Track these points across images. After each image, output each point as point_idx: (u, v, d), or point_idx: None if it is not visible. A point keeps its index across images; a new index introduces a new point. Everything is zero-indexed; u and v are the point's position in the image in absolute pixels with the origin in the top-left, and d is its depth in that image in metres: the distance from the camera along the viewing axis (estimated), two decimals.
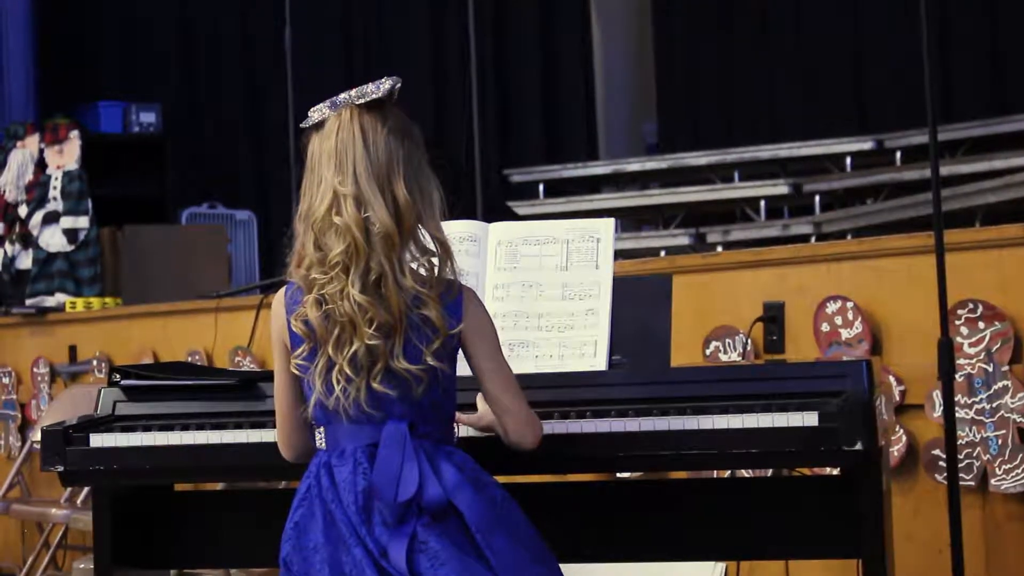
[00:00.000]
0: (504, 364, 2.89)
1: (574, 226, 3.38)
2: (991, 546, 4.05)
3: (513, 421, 2.89)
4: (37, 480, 6.64)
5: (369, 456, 2.77)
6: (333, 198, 2.79)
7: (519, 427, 2.89)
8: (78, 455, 3.22)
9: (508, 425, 2.89)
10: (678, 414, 3.00)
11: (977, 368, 4.03)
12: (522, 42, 11.35)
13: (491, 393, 2.88)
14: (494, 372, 2.87)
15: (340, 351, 2.76)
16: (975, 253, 4.09)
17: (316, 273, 2.79)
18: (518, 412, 2.89)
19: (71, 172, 7.49)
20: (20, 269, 7.60)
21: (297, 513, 2.81)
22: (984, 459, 4.03)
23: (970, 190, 8.14)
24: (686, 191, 9.23)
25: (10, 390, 7.17)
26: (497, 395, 2.88)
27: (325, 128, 2.85)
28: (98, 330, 6.93)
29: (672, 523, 3.45)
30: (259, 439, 3.14)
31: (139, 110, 9.56)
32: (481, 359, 2.86)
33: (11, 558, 6.93)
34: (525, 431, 2.90)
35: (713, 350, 4.51)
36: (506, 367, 2.89)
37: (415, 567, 2.69)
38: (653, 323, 3.34)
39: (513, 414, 2.89)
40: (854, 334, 4.24)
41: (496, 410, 2.90)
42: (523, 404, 2.90)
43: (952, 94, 9.70)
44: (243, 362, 5.99)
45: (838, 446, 2.88)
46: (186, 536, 3.66)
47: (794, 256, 4.51)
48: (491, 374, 2.87)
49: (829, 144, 9.27)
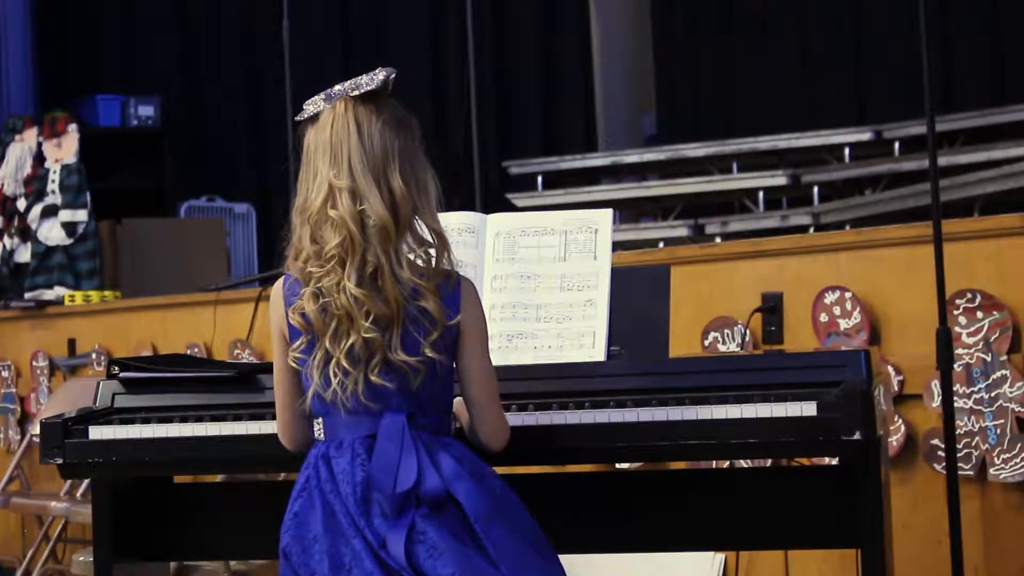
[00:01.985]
0: (491, 366, 2.89)
1: (572, 217, 3.38)
2: (990, 536, 4.05)
3: (489, 424, 2.89)
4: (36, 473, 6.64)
5: (367, 447, 2.77)
6: (328, 191, 2.78)
7: (493, 431, 2.89)
8: (77, 448, 3.23)
9: (483, 426, 2.89)
10: (677, 404, 3.00)
11: (976, 358, 4.03)
12: (521, 33, 11.34)
13: (473, 393, 2.87)
14: (481, 373, 2.87)
15: (337, 344, 2.76)
16: (973, 243, 4.09)
17: (312, 266, 2.79)
18: (496, 416, 2.90)
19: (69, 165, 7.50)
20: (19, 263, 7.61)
21: (296, 504, 2.81)
22: (983, 449, 4.03)
23: (969, 180, 8.14)
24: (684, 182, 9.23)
25: (9, 383, 7.17)
26: (479, 396, 2.87)
27: (320, 120, 2.85)
28: (97, 323, 6.93)
29: (671, 514, 3.45)
30: (258, 431, 3.14)
31: (137, 103, 9.55)
32: (471, 357, 2.85)
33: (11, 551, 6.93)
34: (497, 436, 2.90)
35: (712, 341, 4.51)
36: (492, 369, 2.89)
37: (414, 558, 2.69)
38: (652, 314, 3.34)
39: (490, 416, 2.89)
40: (852, 324, 4.24)
41: (473, 410, 2.89)
42: (500, 408, 2.91)
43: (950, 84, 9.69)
44: (242, 354, 5.99)
45: (837, 436, 2.88)
46: (186, 528, 3.66)
47: (793, 247, 4.51)
48: (478, 374, 2.86)
49: (827, 135, 9.27)
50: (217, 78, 10.43)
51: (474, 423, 2.90)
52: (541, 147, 10.96)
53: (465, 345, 2.84)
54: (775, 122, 9.95)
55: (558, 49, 11.37)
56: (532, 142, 11.06)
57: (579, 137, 11.18)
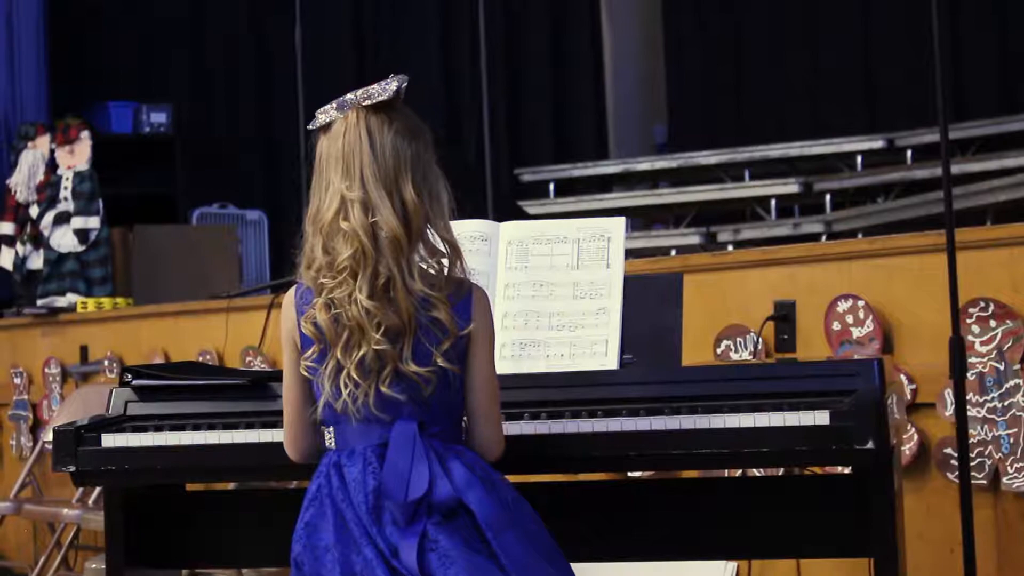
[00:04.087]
0: (495, 374, 2.89)
1: (585, 225, 3.38)
2: (1003, 545, 4.05)
3: (489, 432, 2.88)
4: (49, 480, 6.65)
5: (379, 455, 2.77)
6: (341, 203, 2.78)
7: (491, 441, 2.89)
8: (90, 455, 3.23)
9: (482, 434, 2.88)
10: (689, 413, 3.00)
11: (988, 366, 4.03)
12: (533, 41, 11.35)
13: (476, 402, 2.86)
14: (487, 381, 2.86)
15: (348, 355, 2.76)
16: (986, 252, 4.09)
17: (325, 277, 2.78)
18: (495, 426, 2.89)
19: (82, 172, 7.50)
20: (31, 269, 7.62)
21: (308, 513, 2.81)
22: (996, 457, 4.02)
23: (981, 188, 8.13)
24: (697, 190, 9.22)
25: (22, 390, 7.18)
26: (481, 405, 2.86)
27: (332, 130, 2.84)
28: (109, 330, 6.94)
29: (683, 522, 3.45)
30: (270, 439, 3.14)
31: (150, 110, 9.58)
32: (478, 367, 2.84)
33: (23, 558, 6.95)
34: (493, 447, 2.89)
35: (724, 349, 4.51)
36: (496, 378, 2.89)
37: (426, 567, 2.69)
38: (664, 322, 3.34)
39: (492, 425, 2.88)
40: (865, 333, 4.24)
41: (473, 418, 2.88)
42: (500, 418, 2.91)
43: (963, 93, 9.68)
44: (254, 362, 5.99)
45: (849, 445, 2.88)
46: (198, 536, 3.66)
47: (805, 255, 4.50)
48: (484, 383, 2.86)
49: (840, 143, 9.26)
50: (229, 85, 10.45)
51: (471, 431, 2.89)
52: (553, 154, 10.96)
53: (474, 354, 2.84)
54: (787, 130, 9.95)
55: (570, 56, 11.37)
56: (544, 149, 11.07)
57: (591, 144, 11.18)
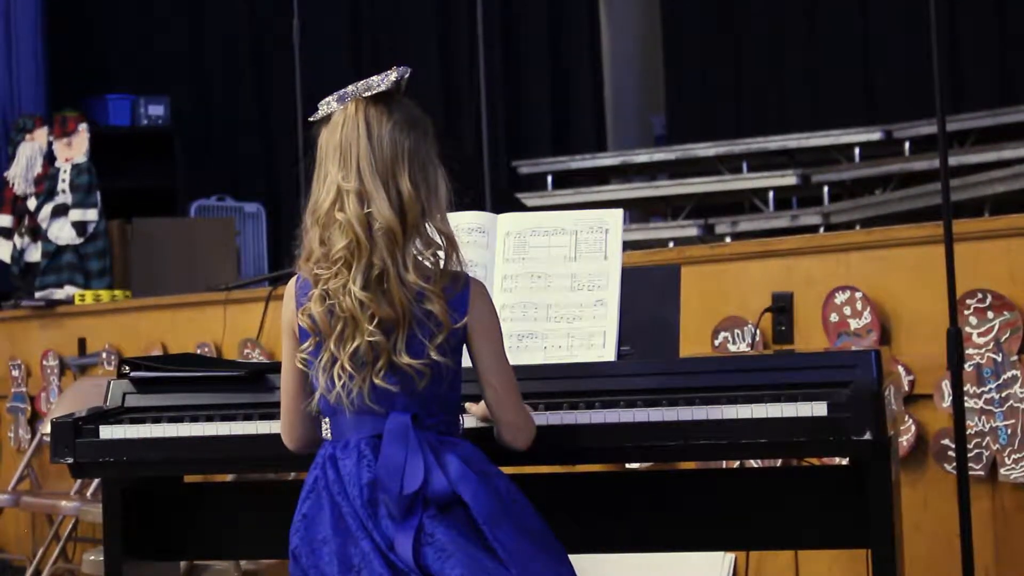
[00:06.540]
0: (506, 365, 2.88)
1: (582, 217, 3.38)
2: (1000, 536, 4.05)
3: (509, 423, 2.89)
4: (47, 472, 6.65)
5: (373, 448, 2.77)
6: (337, 194, 2.79)
7: (514, 430, 2.89)
8: (88, 447, 3.23)
9: (504, 426, 2.89)
10: (687, 404, 3.00)
11: (986, 358, 4.03)
12: (530, 33, 11.34)
13: (491, 393, 2.87)
14: (496, 373, 2.86)
15: (342, 347, 2.76)
16: (984, 243, 4.08)
17: (320, 268, 2.79)
18: (516, 414, 2.89)
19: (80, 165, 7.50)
20: (29, 262, 7.62)
21: (305, 505, 2.81)
22: (993, 449, 4.03)
23: (979, 180, 8.14)
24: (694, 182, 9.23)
25: (20, 382, 7.18)
26: (496, 395, 2.87)
27: (332, 122, 2.84)
28: (107, 322, 6.93)
29: (681, 513, 3.45)
30: (268, 430, 3.14)
31: (148, 103, 9.57)
32: (484, 357, 2.85)
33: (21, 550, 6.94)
34: (518, 434, 2.90)
35: (722, 340, 4.51)
36: (508, 368, 2.88)
37: (422, 559, 2.69)
38: (662, 314, 3.35)
39: (511, 415, 2.89)
40: (863, 324, 4.24)
41: (492, 408, 2.89)
42: (521, 406, 2.90)
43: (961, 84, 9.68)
44: (252, 354, 5.99)
45: (847, 436, 2.88)
46: (196, 528, 3.66)
47: (803, 247, 4.50)
48: (493, 375, 2.86)
49: (837, 135, 9.27)
50: (227, 77, 10.44)
51: (495, 423, 2.90)
52: (551, 147, 10.96)
53: (476, 345, 2.84)
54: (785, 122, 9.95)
55: (568, 49, 11.37)
56: (542, 142, 11.07)
57: (589, 137, 11.18)
